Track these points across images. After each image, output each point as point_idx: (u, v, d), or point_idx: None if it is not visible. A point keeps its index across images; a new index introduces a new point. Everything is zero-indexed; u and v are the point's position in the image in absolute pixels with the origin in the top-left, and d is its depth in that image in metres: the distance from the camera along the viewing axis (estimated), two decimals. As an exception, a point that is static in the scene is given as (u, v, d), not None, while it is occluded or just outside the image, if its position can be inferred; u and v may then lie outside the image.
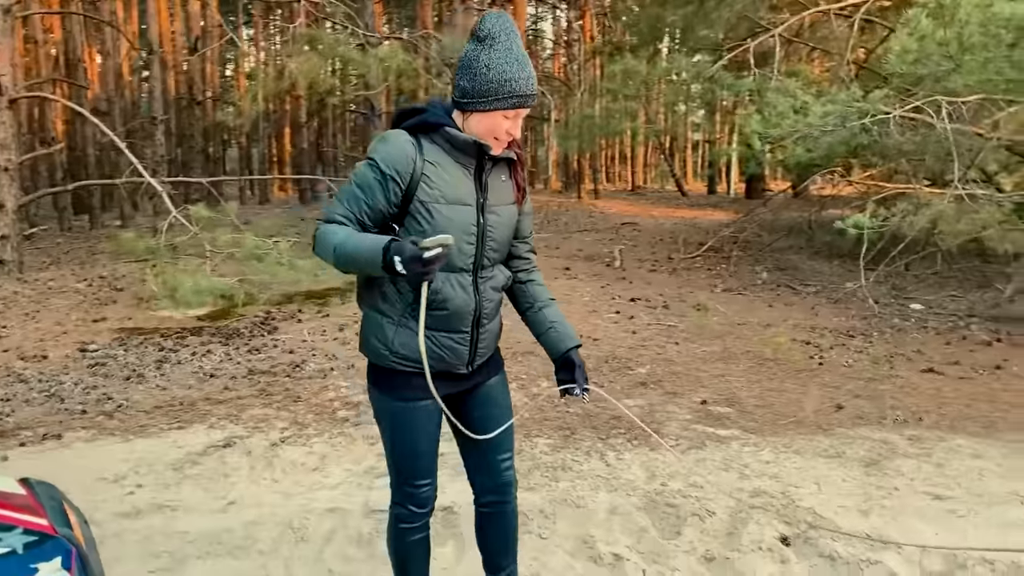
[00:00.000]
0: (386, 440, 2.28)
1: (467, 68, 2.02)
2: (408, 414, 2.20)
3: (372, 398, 2.28)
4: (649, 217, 18.96)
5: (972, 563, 3.23)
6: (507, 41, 2.01)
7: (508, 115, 2.04)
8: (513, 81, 1.99)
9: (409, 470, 2.28)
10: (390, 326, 2.15)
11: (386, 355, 2.16)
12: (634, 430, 4.54)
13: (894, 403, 5.22)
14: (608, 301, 8.38)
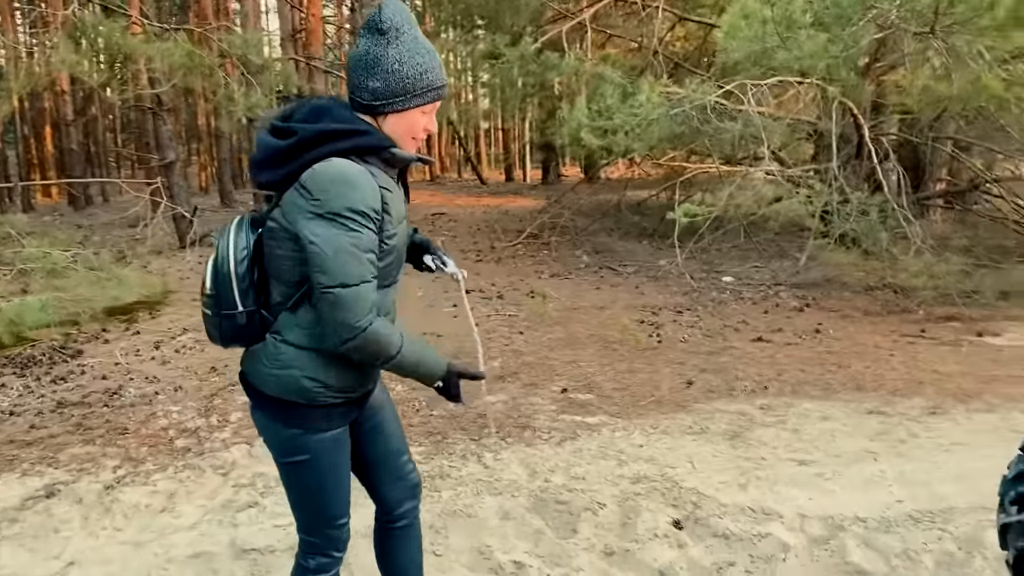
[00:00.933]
0: (307, 483, 2.01)
1: (374, 65, 1.82)
2: (339, 447, 2.01)
3: (286, 439, 1.97)
4: (456, 207, 18.95)
5: (848, 523, 3.39)
6: (412, 31, 1.84)
7: (426, 110, 1.90)
8: (429, 72, 1.85)
9: (335, 508, 2.06)
10: (318, 361, 1.91)
11: (322, 392, 1.93)
12: (506, 427, 4.41)
13: (737, 374, 5.45)
14: (443, 295, 8.20)
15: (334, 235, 1.75)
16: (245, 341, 1.97)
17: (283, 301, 1.92)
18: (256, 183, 1.93)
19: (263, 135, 1.90)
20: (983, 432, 4.46)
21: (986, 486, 3.68)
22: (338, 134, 1.81)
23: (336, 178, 1.76)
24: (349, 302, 1.77)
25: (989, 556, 3.11)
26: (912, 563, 3.09)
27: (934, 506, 3.53)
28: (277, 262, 1.89)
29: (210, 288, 1.91)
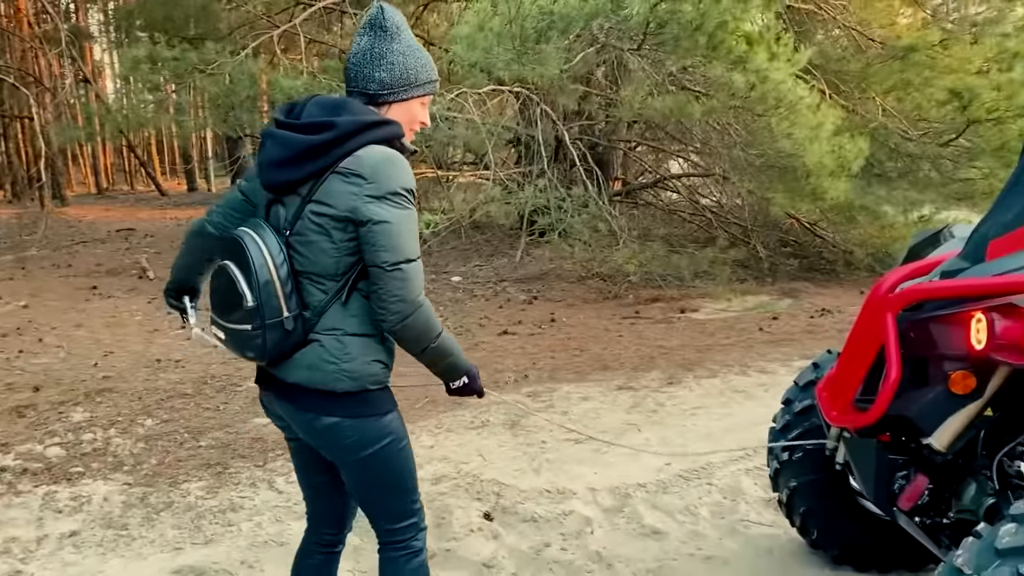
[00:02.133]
0: (396, 464, 2.04)
1: (380, 58, 1.93)
2: (401, 422, 2.06)
3: (371, 428, 1.98)
4: (142, 221, 17.43)
5: (632, 490, 3.75)
6: (408, 31, 2.00)
7: (424, 102, 2.03)
8: (427, 65, 1.99)
9: (415, 482, 2.11)
10: (380, 344, 1.97)
11: (387, 372, 2.00)
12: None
13: (497, 366, 5.72)
14: (166, 318, 7.56)
15: (396, 214, 1.84)
16: (290, 348, 1.92)
17: (328, 297, 1.92)
18: (270, 183, 1.93)
19: (280, 133, 1.92)
20: (712, 395, 5.15)
21: (728, 440, 4.31)
22: (371, 125, 1.89)
23: (386, 161, 1.86)
24: (414, 276, 1.86)
25: (750, 500, 3.63)
26: (693, 517, 3.51)
27: (696, 463, 4.03)
28: (319, 257, 1.90)
29: (252, 300, 1.86)
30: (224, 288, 1.92)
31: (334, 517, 2.25)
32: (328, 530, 2.26)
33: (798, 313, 7.59)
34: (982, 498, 2.22)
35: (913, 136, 8.70)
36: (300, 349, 1.93)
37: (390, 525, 2.09)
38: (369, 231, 1.83)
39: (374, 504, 2.08)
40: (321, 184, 1.87)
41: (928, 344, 2.15)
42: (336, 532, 2.27)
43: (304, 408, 1.96)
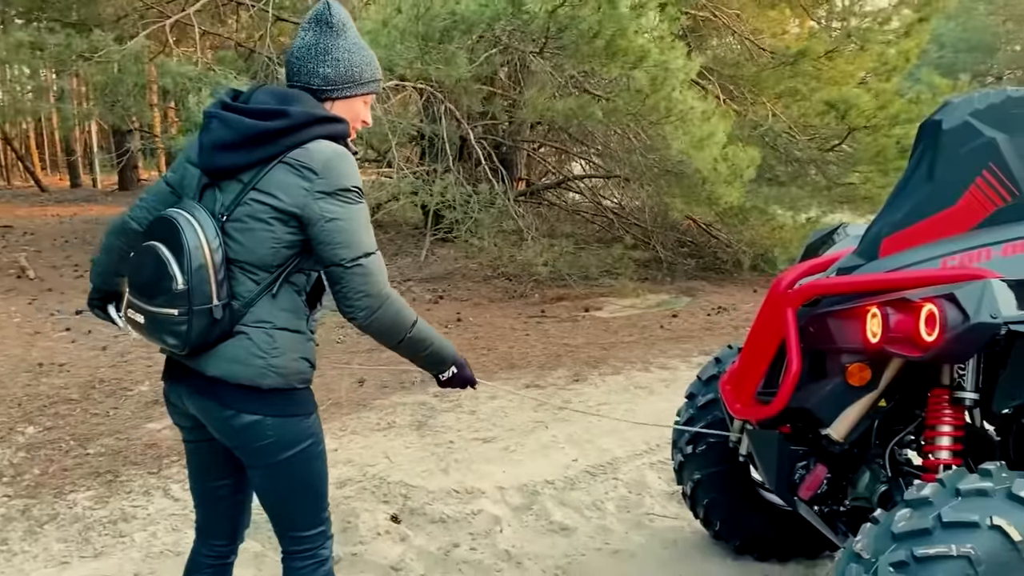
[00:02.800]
0: (314, 467, 1.98)
1: (325, 54, 1.91)
2: (320, 424, 2.01)
3: (292, 428, 1.92)
4: (21, 218, 16.43)
5: (540, 487, 3.77)
6: (354, 28, 1.98)
7: (367, 100, 2.00)
8: (372, 64, 1.97)
9: (326, 490, 2.05)
10: (307, 341, 1.94)
11: (311, 371, 1.95)
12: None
13: (404, 366, 5.64)
14: (48, 319, 7.14)
15: (348, 209, 1.82)
16: (214, 339, 1.84)
17: (260, 288, 1.87)
18: (212, 166, 1.86)
19: (228, 115, 1.86)
20: (617, 391, 5.23)
21: (632, 435, 4.39)
22: (323, 119, 1.87)
23: (337, 157, 1.83)
24: (376, 269, 1.84)
25: (654, 494, 3.70)
26: (601, 512, 3.55)
27: (602, 459, 4.08)
28: (255, 247, 1.84)
29: (182, 283, 1.77)
30: (150, 269, 1.82)
31: (227, 527, 2.15)
32: (219, 542, 2.16)
33: (696, 311, 7.81)
34: (876, 485, 2.33)
35: (800, 142, 9.09)
36: (224, 340, 1.85)
37: (298, 533, 2.01)
38: (322, 229, 1.80)
39: (285, 510, 2.00)
40: (267, 173, 1.82)
41: (826, 338, 2.23)
42: (228, 543, 2.17)
43: (225, 404, 1.87)
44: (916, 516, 1.78)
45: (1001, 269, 2.02)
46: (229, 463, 2.01)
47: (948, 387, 2.13)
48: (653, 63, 6.31)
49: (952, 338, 1.85)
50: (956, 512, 1.74)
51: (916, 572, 1.69)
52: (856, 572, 1.80)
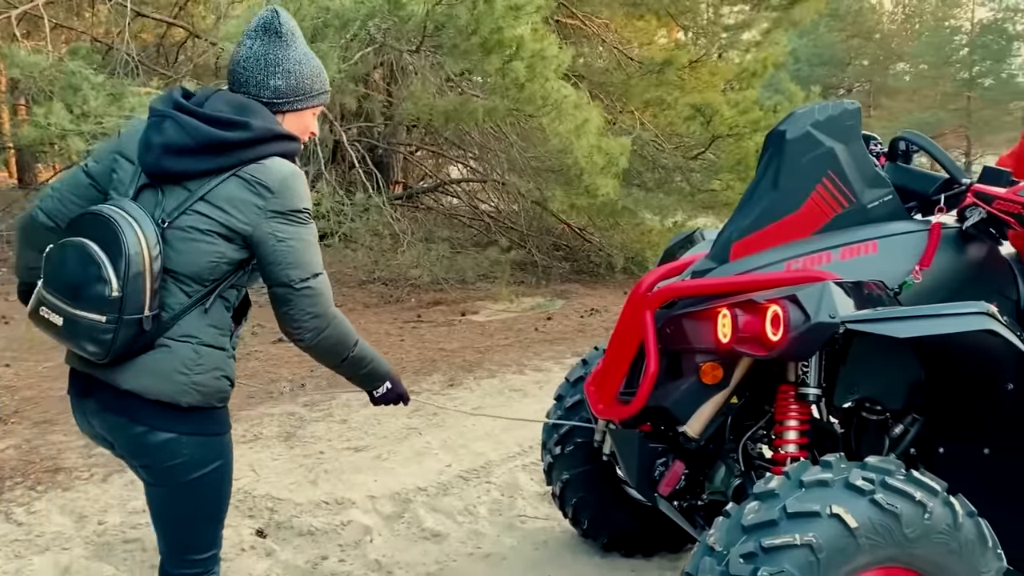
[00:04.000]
0: (219, 488, 1.92)
1: (275, 65, 1.85)
2: (231, 444, 1.97)
3: (205, 448, 1.85)
4: None
5: (413, 494, 3.73)
6: (302, 37, 1.93)
7: (315, 112, 1.96)
8: (321, 75, 1.94)
9: (225, 515, 1.99)
10: (229, 359, 1.89)
11: (230, 390, 1.91)
12: (32, 475, 3.78)
13: (271, 376, 5.48)
14: None
15: (299, 231, 1.79)
16: (135, 350, 1.75)
17: (191, 301, 1.79)
18: (160, 169, 1.77)
19: (184, 117, 1.77)
20: (492, 395, 5.26)
21: (506, 438, 4.41)
22: (281, 136, 1.83)
23: (293, 176, 1.80)
24: (323, 289, 1.82)
25: (526, 495, 3.72)
26: (473, 516, 3.54)
27: (475, 463, 4.08)
28: (194, 258, 1.77)
29: (117, 290, 1.68)
30: (76, 269, 1.70)
31: None
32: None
33: (570, 313, 7.96)
34: (730, 479, 2.43)
35: (667, 150, 9.42)
36: (144, 352, 1.76)
37: (194, 556, 1.94)
38: (273, 249, 1.77)
39: (185, 531, 1.93)
40: (218, 185, 1.76)
41: (682, 339, 2.31)
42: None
43: (137, 420, 1.78)
44: (764, 508, 1.87)
45: (839, 271, 2.16)
46: None
47: (794, 384, 2.25)
48: (529, 52, 6.38)
49: (795, 337, 1.95)
50: (799, 503, 1.83)
51: (764, 562, 1.77)
52: (709, 565, 1.87)
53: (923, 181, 2.47)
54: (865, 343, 2.15)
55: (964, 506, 1.91)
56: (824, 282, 2.01)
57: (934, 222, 2.32)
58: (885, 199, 2.32)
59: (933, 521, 1.84)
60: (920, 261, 2.23)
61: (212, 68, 10.59)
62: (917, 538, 1.83)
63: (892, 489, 1.85)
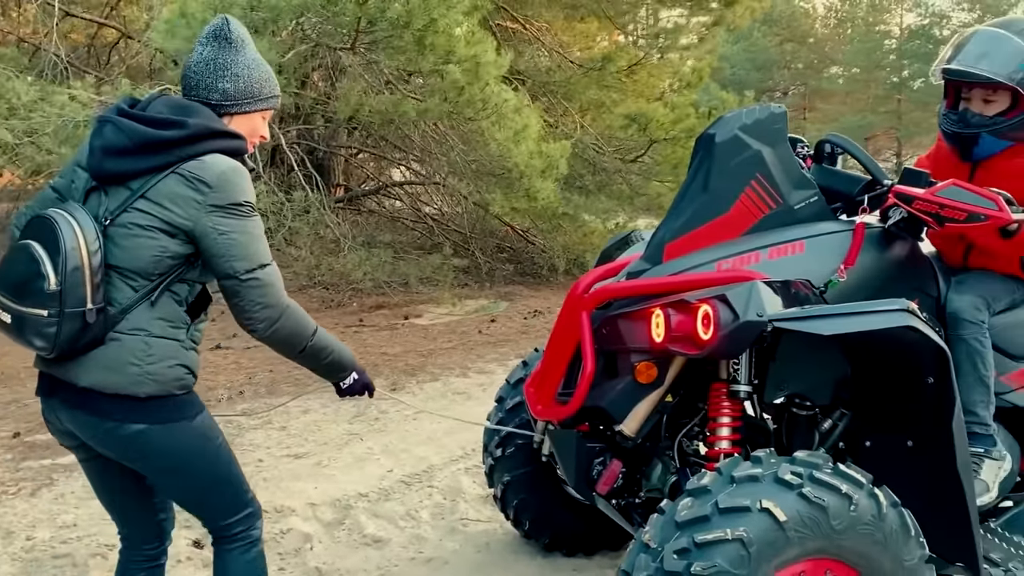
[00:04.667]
0: (216, 462, 1.97)
1: (224, 69, 1.92)
2: (212, 420, 1.99)
3: (179, 432, 1.89)
4: None
5: (354, 500, 3.70)
6: (252, 44, 2.00)
7: (265, 116, 2.03)
8: (271, 80, 2.00)
9: (240, 472, 2.03)
10: (187, 350, 1.92)
11: (191, 377, 1.93)
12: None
13: (208, 384, 5.37)
14: None
15: (241, 223, 1.83)
16: (83, 345, 1.79)
17: (138, 295, 1.84)
18: (102, 171, 1.84)
19: (123, 121, 1.84)
20: (434, 398, 5.24)
21: (448, 442, 4.40)
22: (221, 134, 1.88)
23: (232, 171, 1.84)
24: (272, 279, 1.86)
25: (469, 499, 3.72)
26: (415, 521, 3.53)
27: (418, 468, 4.07)
28: (138, 254, 1.82)
29: (55, 284, 1.72)
30: (21, 268, 1.78)
31: (152, 530, 2.14)
32: (148, 545, 2.14)
33: (513, 315, 7.98)
34: (666, 476, 2.47)
35: (607, 153, 9.53)
36: (96, 347, 1.81)
37: (226, 521, 2.01)
38: (215, 242, 1.81)
39: (202, 505, 2.02)
40: (158, 182, 1.81)
41: (617, 339, 2.34)
42: (158, 545, 2.16)
43: (103, 415, 1.84)
44: (696, 504, 1.90)
45: (767, 271, 2.21)
46: (130, 472, 1.98)
47: (726, 381, 2.30)
48: (466, 56, 6.38)
49: (725, 336, 1.99)
50: (731, 498, 1.87)
51: (697, 557, 1.81)
52: (644, 561, 1.89)
53: (847, 182, 2.54)
54: (793, 340, 2.21)
55: (888, 497, 1.97)
56: (752, 282, 2.06)
57: (858, 222, 2.39)
58: (811, 200, 2.38)
59: (859, 513, 1.89)
60: (845, 260, 2.29)
61: (146, 69, 10.35)
62: (844, 529, 1.88)
63: (819, 483, 1.90)
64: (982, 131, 2.48)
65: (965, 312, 2.41)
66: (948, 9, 32.16)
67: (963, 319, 2.41)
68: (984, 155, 2.54)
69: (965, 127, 2.51)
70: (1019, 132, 2.46)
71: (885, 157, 29.85)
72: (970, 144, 2.53)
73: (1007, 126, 2.44)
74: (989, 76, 2.38)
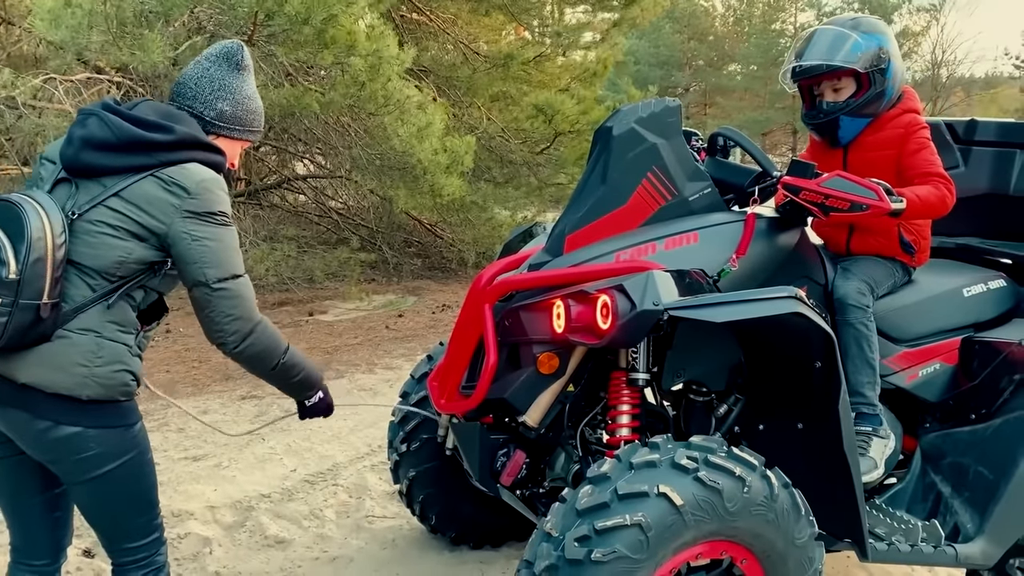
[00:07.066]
0: (139, 478, 1.90)
1: (227, 91, 1.97)
2: (146, 433, 1.94)
3: (113, 441, 1.83)
4: None
5: (255, 502, 3.61)
6: (253, 75, 2.05)
7: (244, 145, 2.07)
8: (261, 115, 2.06)
9: (156, 496, 1.97)
10: (133, 356, 1.88)
11: (135, 384, 1.89)
12: None
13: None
14: None
15: (216, 231, 1.82)
16: (30, 339, 1.73)
17: (95, 295, 1.80)
18: (78, 163, 1.81)
19: (109, 116, 1.82)
20: (340, 395, 5.05)
21: (354, 439, 4.34)
22: (205, 146, 1.90)
23: (213, 181, 1.85)
24: (244, 291, 1.85)
25: (375, 495, 3.68)
26: (319, 520, 3.47)
27: (322, 467, 3.99)
28: (102, 252, 1.79)
29: (15, 273, 1.67)
30: None
31: (48, 545, 2.04)
32: (40, 561, 2.04)
33: (422, 310, 7.93)
34: (569, 465, 2.49)
35: (513, 145, 9.55)
36: (41, 343, 1.75)
37: (132, 543, 1.94)
38: (188, 248, 1.79)
39: (115, 524, 1.93)
40: (134, 183, 1.80)
41: (520, 330, 2.34)
42: (51, 562, 2.06)
43: (39, 415, 1.78)
44: (596, 491, 1.93)
45: (663, 261, 2.25)
46: (43, 478, 1.93)
47: (625, 370, 2.33)
48: (367, 51, 6.28)
49: (622, 325, 2.02)
50: (629, 484, 1.90)
51: (597, 544, 1.83)
52: (546, 550, 1.91)
53: (739, 174, 2.62)
54: (689, 329, 2.26)
55: (780, 478, 2.04)
56: (649, 272, 2.09)
57: (749, 213, 2.46)
58: (705, 192, 2.44)
59: (751, 494, 1.96)
60: (737, 250, 2.36)
61: (32, 57, 9.79)
62: (738, 511, 1.94)
63: (714, 466, 1.95)
64: (839, 114, 2.65)
65: (850, 297, 2.52)
66: (839, 9, 33.56)
67: (849, 304, 2.51)
68: (850, 137, 2.71)
69: (824, 116, 2.68)
70: (870, 107, 2.65)
71: (781, 152, 30.97)
72: (834, 129, 2.70)
73: (858, 104, 2.63)
74: (831, 64, 2.59)
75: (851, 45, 2.58)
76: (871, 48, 2.59)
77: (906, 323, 2.70)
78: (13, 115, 6.46)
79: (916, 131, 2.64)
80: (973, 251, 3.10)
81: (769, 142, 31.36)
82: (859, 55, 2.57)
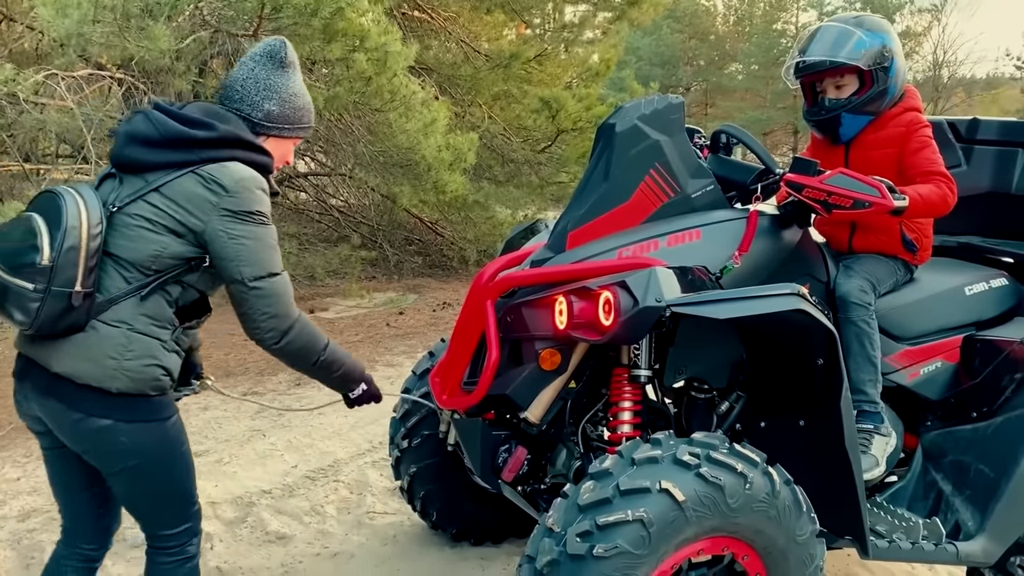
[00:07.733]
0: (174, 470, 1.94)
1: (273, 90, 1.98)
2: (182, 427, 1.96)
3: (141, 434, 1.85)
4: None
5: (256, 497, 3.61)
6: (299, 70, 2.04)
7: (296, 143, 2.08)
8: (310, 110, 2.06)
9: (193, 486, 2.01)
10: (168, 352, 1.88)
11: (168, 380, 1.89)
12: None
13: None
14: None
15: (253, 230, 1.84)
16: (63, 327, 1.76)
17: (130, 288, 1.82)
18: (123, 158, 1.85)
19: (155, 114, 1.86)
20: (340, 392, 5.14)
21: (355, 436, 4.34)
22: (249, 145, 1.91)
23: (252, 180, 1.86)
24: (281, 289, 1.87)
25: (376, 492, 3.69)
26: (320, 516, 3.47)
27: (323, 463, 4.00)
28: (139, 246, 1.82)
29: (48, 259, 1.70)
30: (17, 237, 1.77)
31: (98, 531, 2.11)
32: (89, 545, 2.11)
33: (422, 307, 7.93)
34: (571, 461, 2.49)
35: (515, 143, 9.55)
36: (75, 333, 1.78)
37: (166, 531, 1.99)
38: (225, 245, 1.82)
39: (150, 513, 1.98)
40: (174, 179, 1.82)
41: (522, 327, 2.34)
42: (98, 547, 2.13)
43: (73, 407, 1.81)
44: (598, 487, 1.93)
45: (666, 258, 2.25)
46: (89, 472, 1.95)
47: (627, 366, 2.33)
48: (373, 45, 6.27)
49: (625, 321, 2.02)
50: (631, 480, 1.90)
51: (599, 539, 1.83)
52: (548, 545, 1.91)
53: (741, 172, 2.62)
54: (691, 325, 2.26)
55: (781, 475, 2.04)
56: (652, 268, 2.09)
57: (752, 210, 2.46)
58: (707, 189, 2.44)
59: (753, 491, 1.96)
60: (739, 247, 2.36)
61: (32, 54, 9.78)
62: (739, 507, 1.94)
63: (716, 463, 1.95)
64: (841, 111, 2.65)
65: (853, 295, 2.52)
66: (840, 9, 33.52)
67: (851, 302, 2.51)
68: (851, 134, 2.70)
69: (826, 113, 2.68)
70: (872, 105, 2.63)
71: (783, 152, 30.94)
72: (835, 127, 2.69)
73: (860, 102, 2.62)
74: (834, 60, 2.58)
75: (855, 42, 2.58)
76: (875, 46, 2.58)
77: (908, 321, 2.70)
78: (15, 111, 6.47)
79: (918, 130, 2.63)
80: (975, 250, 3.10)
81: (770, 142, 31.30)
82: (863, 52, 2.57)
